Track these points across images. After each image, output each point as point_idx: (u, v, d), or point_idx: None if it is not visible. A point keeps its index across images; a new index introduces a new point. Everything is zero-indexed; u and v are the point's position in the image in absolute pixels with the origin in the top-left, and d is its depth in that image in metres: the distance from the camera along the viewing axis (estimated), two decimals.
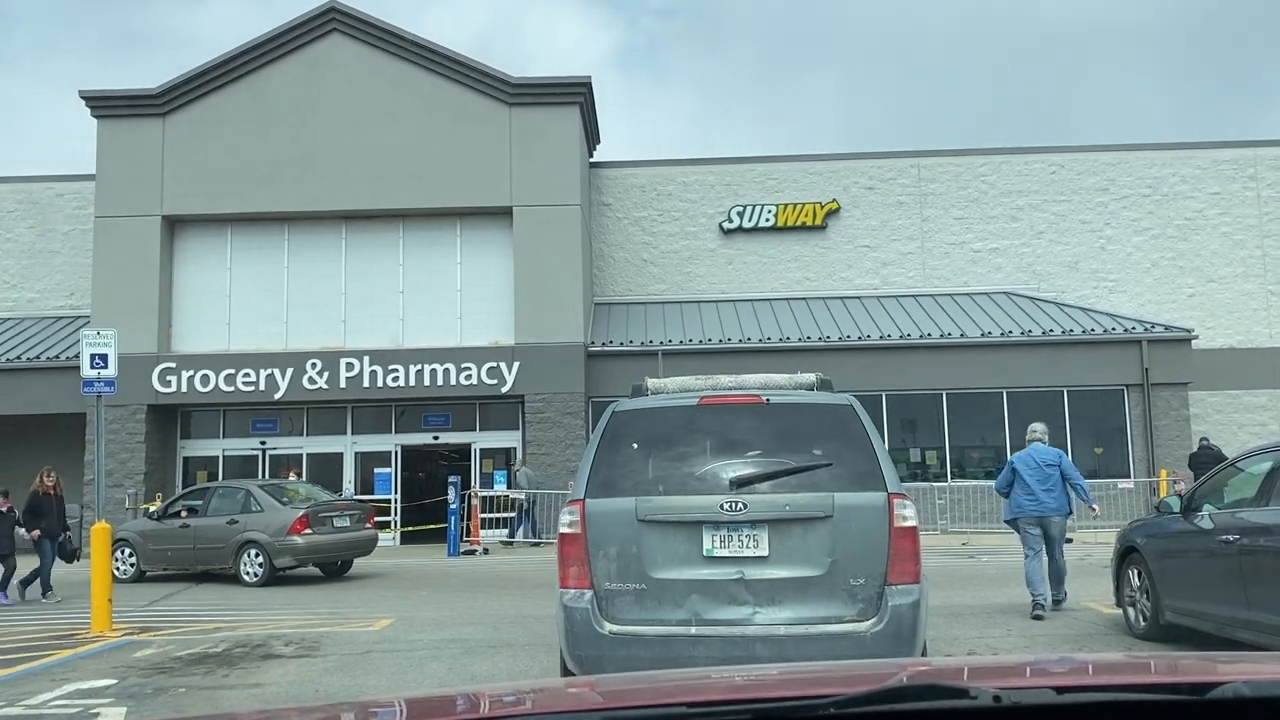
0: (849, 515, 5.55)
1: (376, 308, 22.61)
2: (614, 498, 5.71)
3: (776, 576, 5.53)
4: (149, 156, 22.56)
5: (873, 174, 25.82)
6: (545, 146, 22.41)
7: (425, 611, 11.40)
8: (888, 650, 5.33)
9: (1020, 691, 1.31)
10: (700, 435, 5.93)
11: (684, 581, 5.56)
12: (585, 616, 5.60)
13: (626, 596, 5.61)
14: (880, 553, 5.51)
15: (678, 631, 5.50)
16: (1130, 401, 22.53)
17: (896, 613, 5.42)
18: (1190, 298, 25.25)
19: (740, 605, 5.51)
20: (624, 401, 6.28)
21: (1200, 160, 25.74)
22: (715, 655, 5.39)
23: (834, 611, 5.49)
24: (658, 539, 5.62)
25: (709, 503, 5.60)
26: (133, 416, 21.96)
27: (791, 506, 5.57)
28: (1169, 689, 1.43)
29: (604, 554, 5.65)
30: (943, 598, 11.27)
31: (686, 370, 22.29)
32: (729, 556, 5.57)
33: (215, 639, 9.63)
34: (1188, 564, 7.38)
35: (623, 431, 6.00)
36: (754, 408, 5.98)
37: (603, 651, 5.55)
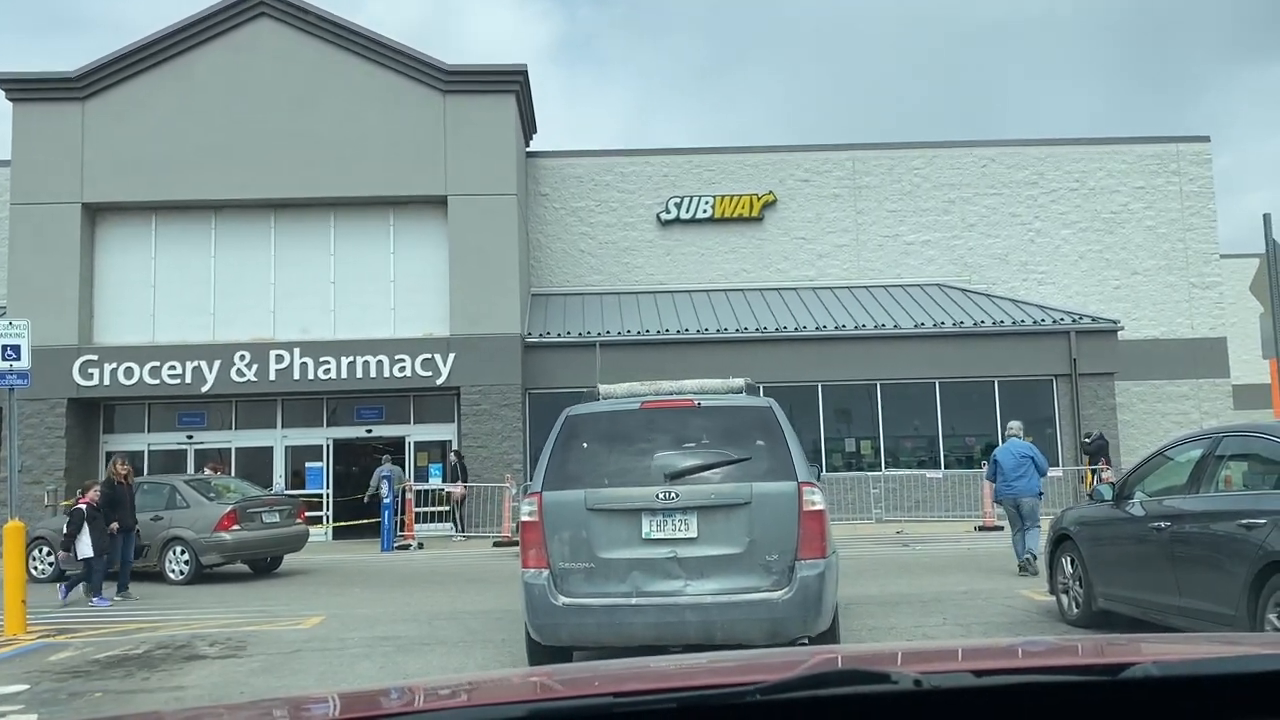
0: (764, 501, 6.47)
1: (307, 299, 22.11)
2: (566, 490, 6.63)
3: (704, 554, 6.45)
4: (68, 142, 21.78)
5: (809, 166, 25.95)
6: (480, 135, 22.10)
7: (357, 609, 11.16)
8: (797, 614, 6.35)
9: (940, 675, 1.34)
10: (641, 435, 6.83)
11: (626, 560, 6.49)
12: (542, 591, 6.55)
13: (578, 573, 6.54)
14: (791, 533, 6.43)
15: (620, 602, 6.43)
16: (1059, 391, 22.96)
17: (804, 583, 6.37)
18: (1116, 289, 25.81)
19: (674, 579, 6.45)
20: (577, 406, 7.25)
21: (1126, 155, 26.30)
22: (652, 621, 6.38)
23: (752, 583, 6.41)
24: (604, 524, 6.55)
25: (647, 493, 6.52)
26: (52, 410, 21.23)
27: (716, 495, 6.50)
28: (1082, 670, 1.50)
29: (558, 538, 6.59)
30: (878, 586, 11.34)
31: (625, 362, 22.20)
32: (664, 538, 6.51)
33: (136, 640, 9.29)
34: (1120, 551, 7.48)
35: (575, 432, 6.94)
36: (687, 410, 6.94)
37: (557, 620, 6.51)
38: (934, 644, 3.74)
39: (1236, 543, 6.08)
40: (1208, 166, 26.30)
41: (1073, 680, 1.44)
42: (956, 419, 23.01)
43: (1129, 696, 1.39)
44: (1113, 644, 2.00)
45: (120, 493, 13.12)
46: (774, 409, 6.89)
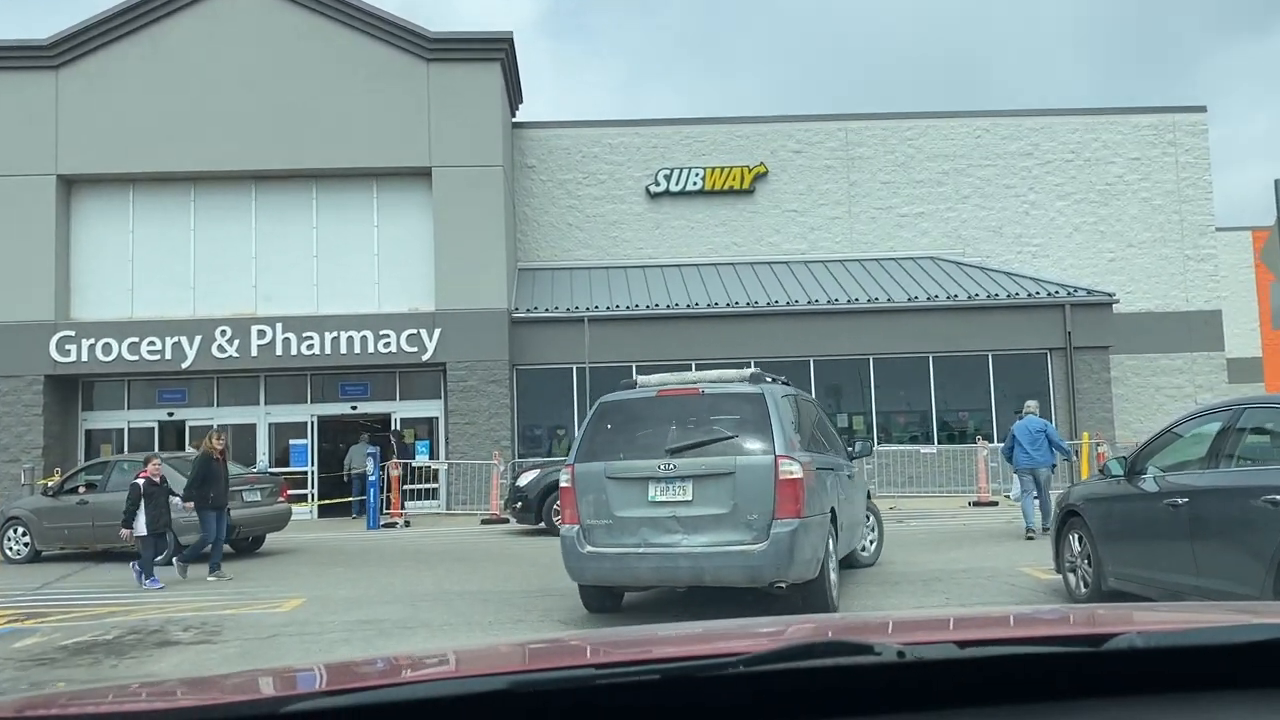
0: (746, 471, 7.68)
1: (290, 273, 21.64)
2: (592, 462, 8.10)
3: (697, 514, 7.73)
4: (41, 112, 21.19)
5: (800, 137, 25.51)
6: (465, 105, 21.60)
7: (340, 590, 10.81)
8: (770, 563, 7.49)
9: (924, 647, 1.34)
10: (655, 417, 8.18)
11: (636, 518, 7.87)
12: (573, 542, 8.08)
13: (599, 528, 7.98)
14: (768, 497, 7.58)
15: (631, 550, 7.85)
16: (1053, 365, 22.68)
17: (777, 538, 7.51)
18: (1111, 262, 25.50)
19: (673, 533, 7.76)
20: (609, 394, 8.65)
21: (1121, 126, 25.93)
22: (654, 566, 7.82)
23: (736, 537, 7.61)
24: (619, 490, 7.96)
25: (652, 465, 7.88)
26: (29, 388, 20.76)
27: (706, 466, 7.77)
28: (1067, 641, 1.49)
29: (585, 500, 8.04)
30: (875, 565, 11.04)
31: (613, 337, 21.85)
32: (665, 501, 7.83)
33: (107, 625, 8.92)
34: (1132, 528, 7.17)
35: (604, 415, 8.40)
36: (694, 397, 8.22)
37: (583, 564, 8.07)
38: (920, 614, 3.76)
39: (1261, 519, 5.76)
40: (1204, 138, 25.96)
41: (1057, 651, 1.43)
42: (950, 393, 22.73)
43: (1114, 667, 1.40)
44: (1099, 614, 2.01)
45: (215, 468, 12.26)
46: (764, 394, 8.01)
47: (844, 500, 9.06)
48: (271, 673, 1.78)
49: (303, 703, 1.28)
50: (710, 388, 8.25)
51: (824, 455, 8.74)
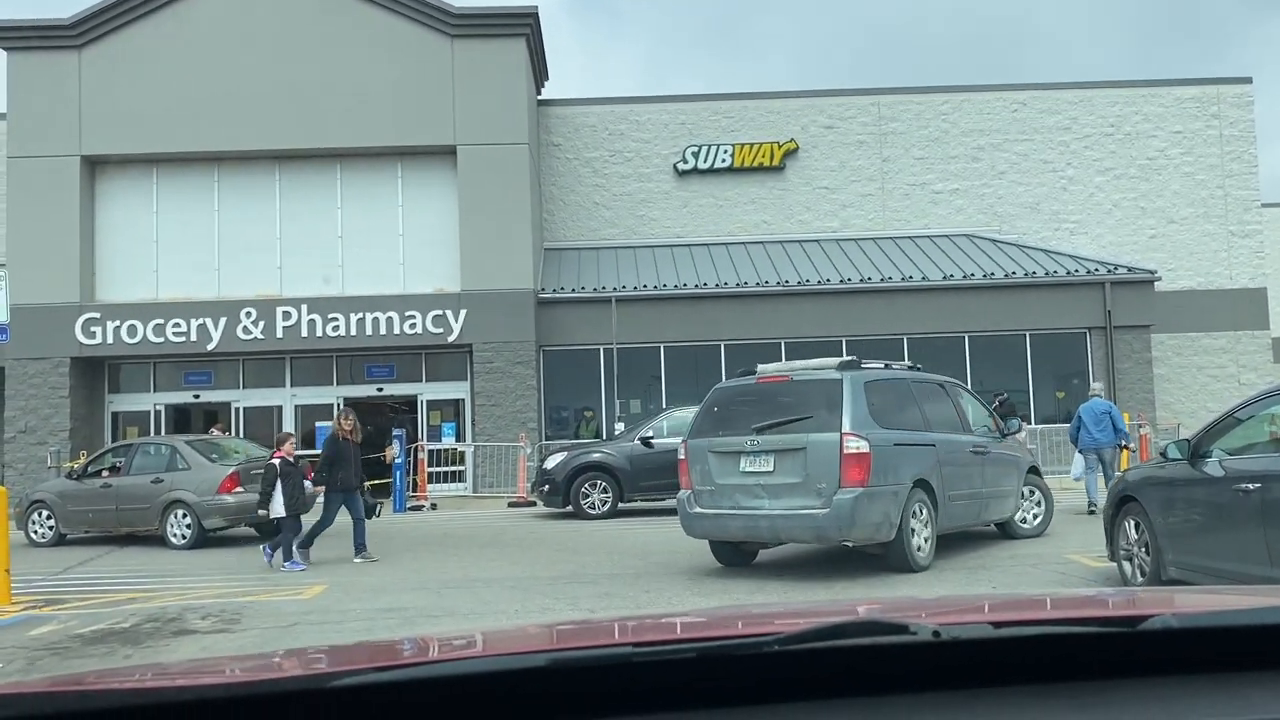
0: (816, 446, 8.90)
1: (314, 254, 21.41)
2: (700, 438, 9.64)
3: (777, 482, 9.05)
4: (65, 92, 21.03)
5: (832, 112, 24.96)
6: (490, 81, 21.23)
7: (363, 575, 10.56)
8: (832, 525, 8.76)
9: (959, 627, 1.34)
10: (752, 400, 9.53)
11: (731, 485, 9.31)
12: (685, 505, 9.66)
13: (705, 493, 9.50)
14: (834, 469, 8.77)
15: (726, 512, 9.32)
16: (1092, 344, 22.11)
17: (839, 504, 8.70)
18: (1152, 239, 24.82)
19: (759, 498, 9.15)
20: (723, 381, 10.55)
21: (1163, 98, 25.19)
22: (741, 525, 9.27)
23: (807, 503, 8.88)
24: (718, 461, 9.42)
25: (743, 440, 9.27)
26: (55, 370, 20.67)
27: (784, 442, 9.06)
28: (1102, 622, 1.48)
29: (695, 470, 9.59)
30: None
31: (641, 317, 21.47)
32: (753, 471, 9.21)
33: (124, 612, 8.70)
34: (1197, 515, 6.74)
35: (715, 398, 9.93)
36: (784, 383, 9.51)
37: (692, 523, 9.65)
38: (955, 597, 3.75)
39: None
40: (1249, 110, 25.17)
41: (1092, 632, 1.43)
42: (986, 373, 22.18)
43: (1150, 648, 1.39)
44: (1137, 596, 1.99)
45: (345, 449, 11.85)
46: (842, 379, 9.13)
47: (960, 473, 9.93)
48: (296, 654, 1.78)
49: (349, 678, 1.26)
50: (799, 374, 9.55)
51: (916, 433, 9.56)
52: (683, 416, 17.02)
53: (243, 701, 1.26)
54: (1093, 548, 9.56)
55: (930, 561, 9.32)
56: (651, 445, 16.20)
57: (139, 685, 1.43)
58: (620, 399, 21.32)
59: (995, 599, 2.31)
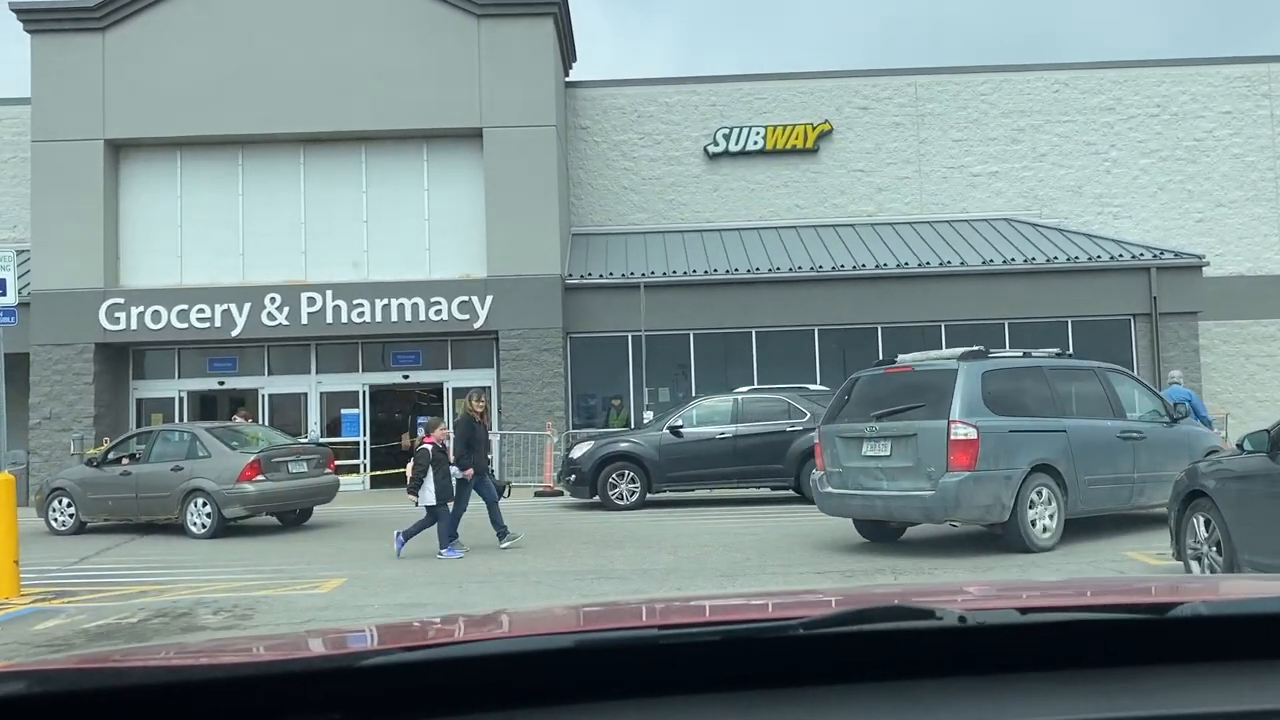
0: (926, 433, 9.54)
1: (339, 238, 21.08)
2: (831, 423, 10.49)
3: (892, 466, 9.72)
4: (88, 75, 20.79)
5: (867, 93, 24.31)
6: (517, 62, 20.78)
7: (384, 568, 10.20)
8: (939, 505, 9.46)
9: (985, 613, 1.33)
10: (878, 388, 10.17)
11: (855, 467, 10.02)
12: (818, 485, 10.53)
13: (834, 474, 10.28)
14: (942, 454, 9.37)
15: (849, 492, 10.07)
16: (1137, 332, 21.40)
17: (944, 487, 9.36)
18: (1199, 223, 24.01)
19: (877, 480, 9.84)
20: (860, 370, 11.00)
21: (1212, 77, 24.33)
22: (860, 504, 10.12)
23: (917, 486, 9.52)
24: (844, 445, 10.18)
25: (864, 426, 9.96)
26: (79, 356, 20.50)
27: (898, 429, 9.73)
28: (1130, 609, 1.46)
29: (827, 452, 10.38)
30: (963, 549, 10.16)
31: (671, 304, 20.96)
32: (872, 455, 9.89)
33: (134, 607, 8.37)
34: (1278, 512, 6.20)
35: (847, 386, 10.73)
36: (906, 373, 10.19)
37: (823, 502, 10.48)
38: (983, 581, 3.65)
39: None
40: None
41: (1120, 619, 1.40)
42: None
43: (1180, 635, 1.37)
44: (1164, 582, 1.95)
45: (478, 432, 11.50)
46: (957, 369, 9.71)
47: (1102, 457, 10.13)
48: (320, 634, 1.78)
49: (379, 658, 1.26)
50: (920, 365, 10.24)
51: (1041, 419, 9.90)
52: (712, 405, 16.58)
53: (273, 679, 1.25)
54: (1150, 544, 9.03)
55: (1055, 543, 9.61)
56: (681, 434, 15.76)
57: (172, 663, 1.43)
58: (649, 387, 20.87)
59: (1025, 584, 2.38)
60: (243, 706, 1.22)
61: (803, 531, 12.02)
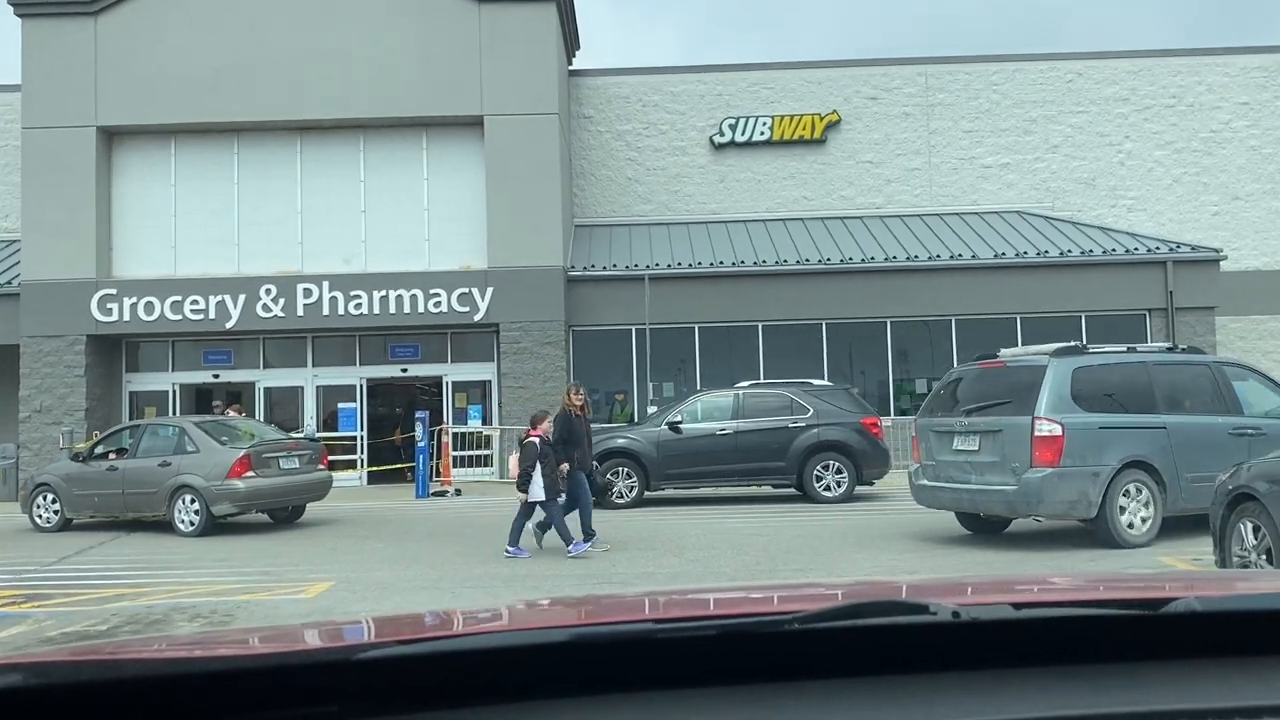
0: (1010, 429, 9.64)
1: (336, 228, 20.61)
2: (926, 417, 10.88)
3: (980, 460, 9.89)
4: (80, 61, 20.31)
5: (876, 83, 23.80)
6: (519, 49, 20.28)
7: (375, 570, 9.74)
8: (1021, 500, 9.56)
9: (979, 608, 1.34)
10: (972, 383, 10.45)
11: (946, 461, 10.29)
12: (913, 477, 10.92)
13: (928, 467, 10.57)
14: (1026, 450, 9.44)
15: (940, 485, 10.35)
16: (1153, 327, 20.89)
17: (1026, 482, 9.42)
18: (1214, 216, 23.50)
19: (967, 474, 10.06)
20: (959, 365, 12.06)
21: (1229, 67, 23.80)
22: (949, 497, 10.41)
23: (1002, 480, 9.63)
24: (937, 439, 10.45)
25: (956, 421, 10.24)
26: (71, 348, 20.05)
27: (984, 424, 9.91)
28: (1123, 604, 1.45)
29: (922, 445, 10.69)
30: (982, 554, 9.69)
31: (675, 297, 20.47)
32: (962, 449, 10.10)
33: (107, 612, 7.91)
34: None
35: (945, 380, 11.29)
36: (998, 369, 10.29)
37: (918, 493, 10.85)
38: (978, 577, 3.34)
39: None
40: None
41: (1113, 614, 1.41)
42: None
43: (1173, 631, 1.37)
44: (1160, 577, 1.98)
45: (577, 427, 10.91)
46: (1047, 365, 9.71)
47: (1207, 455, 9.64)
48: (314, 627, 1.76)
49: (376, 650, 1.26)
50: (1012, 360, 10.32)
51: (1138, 415, 9.80)
52: (713, 400, 16.07)
53: (271, 671, 1.24)
54: (1184, 549, 8.56)
55: (1150, 539, 9.50)
56: (680, 431, 15.27)
57: (169, 655, 1.43)
58: (653, 381, 20.40)
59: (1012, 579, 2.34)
60: (240, 698, 1.20)
61: (811, 532, 11.56)
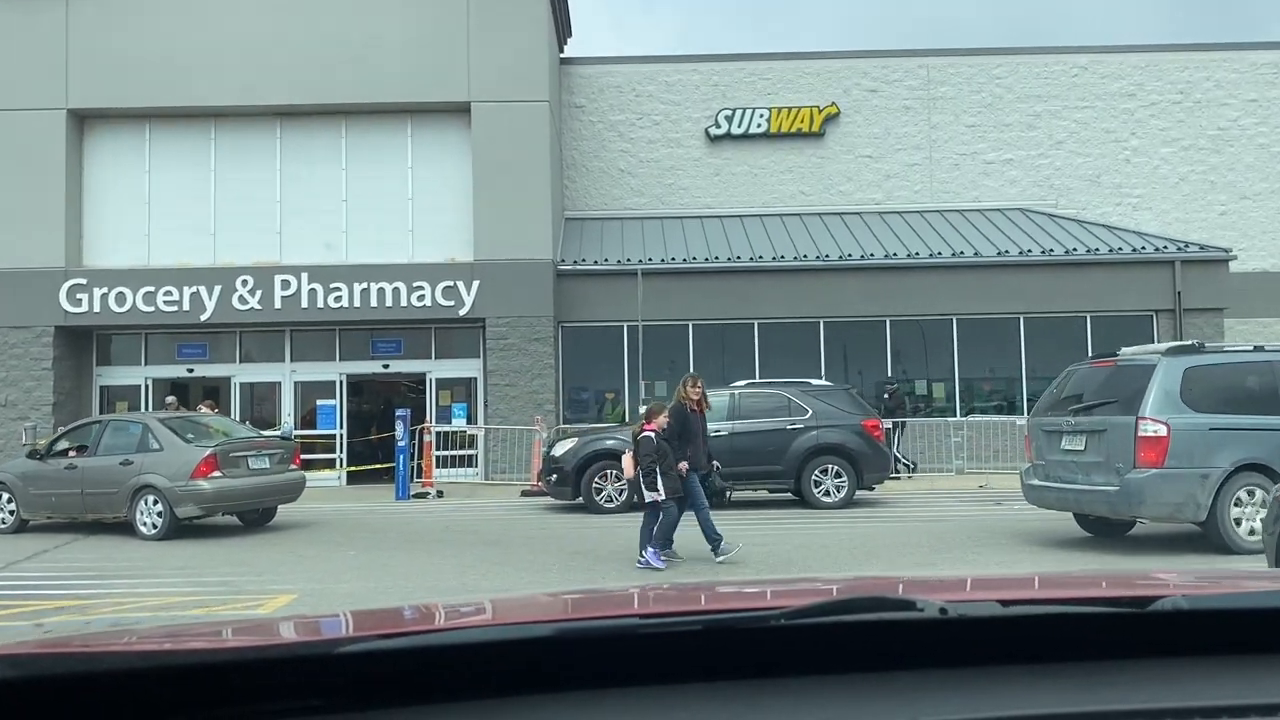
0: (1115, 429, 9.59)
1: (316, 218, 19.83)
2: (1037, 416, 10.93)
3: (1086, 460, 9.88)
4: (50, 40, 19.48)
5: (876, 75, 23.15)
6: (508, 33, 19.54)
7: (343, 581, 9.03)
8: (1123, 501, 9.49)
9: (966, 604, 1.32)
10: (1084, 382, 10.31)
11: (1054, 460, 10.27)
12: (1024, 476, 10.94)
13: (1039, 466, 10.60)
14: (1130, 450, 9.36)
15: (1048, 485, 10.37)
16: (1159, 329, 20.27)
17: (1128, 483, 9.32)
18: (1221, 216, 22.92)
19: (1073, 473, 10.03)
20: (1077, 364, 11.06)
21: (1237, 64, 23.22)
22: (1055, 497, 10.37)
23: (1105, 480, 9.57)
24: (1046, 438, 10.45)
25: (1063, 420, 10.21)
26: (38, 340, 19.25)
27: (1091, 424, 9.85)
28: (1111, 602, 1.43)
29: (1034, 444, 10.74)
30: (996, 568, 9.02)
31: (669, 292, 19.77)
32: (1070, 449, 10.07)
33: (45, 627, 7.18)
34: None
35: (1059, 379, 10.94)
36: (1108, 368, 10.14)
37: (1028, 492, 10.82)
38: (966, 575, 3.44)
39: None
40: None
41: (1101, 612, 1.39)
42: (1041, 359, 20.42)
43: (1160, 629, 1.37)
44: (1146, 577, 1.97)
45: (694, 422, 9.90)
46: (1155, 364, 9.53)
47: None
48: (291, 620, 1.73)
49: (359, 644, 1.25)
50: (1123, 360, 10.09)
51: (1257, 418, 9.46)
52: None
53: (253, 665, 1.22)
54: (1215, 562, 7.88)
55: None
56: None
57: (148, 648, 1.39)
58: (645, 380, 19.70)
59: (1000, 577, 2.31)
60: (218, 692, 1.17)
61: (817, 543, 10.88)
